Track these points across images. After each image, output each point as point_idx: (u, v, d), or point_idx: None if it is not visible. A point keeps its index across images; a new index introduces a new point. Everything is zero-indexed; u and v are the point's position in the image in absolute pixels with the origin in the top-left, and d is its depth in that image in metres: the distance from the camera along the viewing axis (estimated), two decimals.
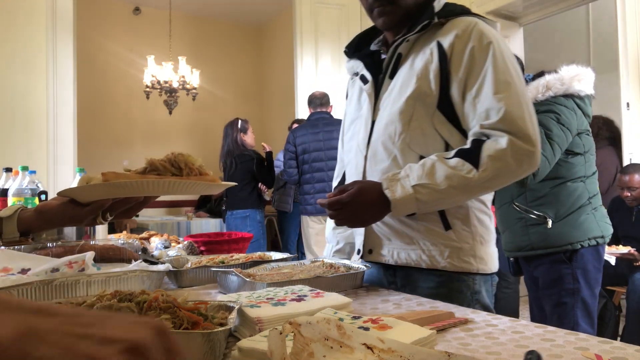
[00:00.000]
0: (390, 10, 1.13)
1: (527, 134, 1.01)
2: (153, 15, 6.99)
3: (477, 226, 1.13)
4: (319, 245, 3.85)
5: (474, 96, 1.05)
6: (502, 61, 1.04)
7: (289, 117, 4.92)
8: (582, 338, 0.72)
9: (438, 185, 1.00)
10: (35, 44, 3.66)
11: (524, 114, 1.02)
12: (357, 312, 0.85)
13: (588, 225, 2.07)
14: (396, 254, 1.15)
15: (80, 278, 1.00)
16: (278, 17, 7.26)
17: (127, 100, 6.84)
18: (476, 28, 1.07)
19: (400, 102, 1.11)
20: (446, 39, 1.08)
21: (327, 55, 4.84)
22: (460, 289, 1.11)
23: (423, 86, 1.09)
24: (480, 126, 1.03)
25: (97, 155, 6.35)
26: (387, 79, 1.18)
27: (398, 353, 0.56)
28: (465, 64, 1.06)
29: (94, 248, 1.25)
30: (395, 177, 1.04)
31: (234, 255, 1.36)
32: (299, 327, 0.56)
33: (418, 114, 1.10)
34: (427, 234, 1.12)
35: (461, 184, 1.00)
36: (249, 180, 4.02)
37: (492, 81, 1.03)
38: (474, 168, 1.00)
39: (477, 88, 1.04)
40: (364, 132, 1.20)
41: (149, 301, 0.66)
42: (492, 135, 1.01)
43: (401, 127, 1.11)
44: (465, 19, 1.10)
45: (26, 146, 3.63)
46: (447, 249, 1.11)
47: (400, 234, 1.14)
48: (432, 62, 1.09)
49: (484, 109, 1.03)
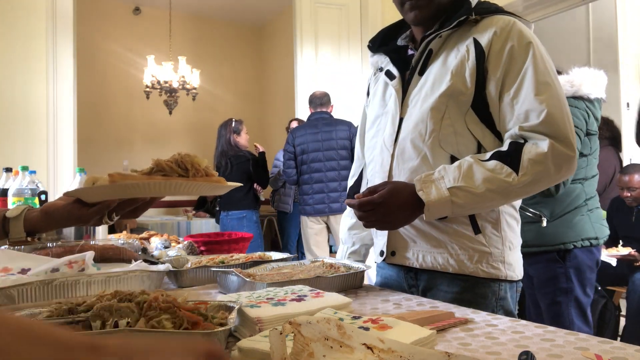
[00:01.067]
0: (424, 4, 1.10)
1: (568, 137, 0.98)
2: (153, 15, 6.99)
3: (506, 231, 1.10)
4: (319, 246, 3.85)
5: (512, 97, 1.02)
6: (542, 62, 1.01)
7: (289, 117, 4.92)
8: (582, 338, 0.72)
9: (476, 188, 0.96)
10: (35, 44, 3.66)
11: (564, 117, 0.99)
12: (357, 312, 0.85)
13: (582, 226, 2.08)
14: (421, 257, 1.12)
15: (80, 278, 1.00)
16: (278, 17, 7.26)
17: (127, 100, 6.84)
18: (515, 27, 1.04)
19: (432, 99, 1.07)
20: (484, 36, 1.05)
21: (327, 55, 4.84)
22: (486, 295, 1.08)
23: (458, 83, 1.05)
24: (520, 128, 0.99)
25: (97, 155, 6.35)
26: (417, 76, 1.13)
27: (398, 353, 0.56)
28: (504, 63, 1.03)
29: (94, 248, 1.25)
30: (429, 178, 1.00)
31: (234, 255, 1.36)
32: (299, 327, 0.56)
33: (450, 112, 1.06)
34: (455, 237, 1.08)
35: (500, 187, 0.96)
36: (245, 181, 4.01)
37: (533, 82, 0.99)
38: (513, 171, 0.96)
39: (516, 88, 1.01)
40: (390, 129, 1.15)
41: (149, 301, 0.66)
42: (532, 138, 0.98)
43: (433, 124, 1.07)
44: (503, 17, 1.07)
45: (26, 146, 3.62)
46: (476, 254, 1.07)
47: (427, 236, 1.11)
48: (469, 59, 1.05)
49: (523, 110, 0.99)
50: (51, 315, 0.67)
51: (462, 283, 1.09)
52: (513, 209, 1.13)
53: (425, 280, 1.14)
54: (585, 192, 2.12)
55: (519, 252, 1.15)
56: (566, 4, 3.96)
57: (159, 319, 0.63)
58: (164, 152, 7.54)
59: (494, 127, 1.06)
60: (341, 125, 3.76)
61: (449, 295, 1.08)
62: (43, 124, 3.67)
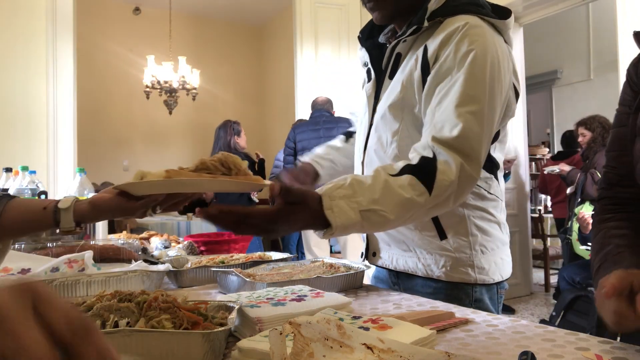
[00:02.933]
0: (381, 5, 1.05)
1: (479, 159, 0.90)
2: (153, 15, 6.99)
3: (477, 235, 1.07)
4: (319, 246, 3.85)
5: (436, 103, 0.93)
6: (480, 72, 0.91)
7: (289, 117, 4.93)
8: (582, 338, 0.72)
9: (389, 213, 0.83)
10: (35, 44, 3.66)
11: (482, 135, 0.90)
12: (357, 312, 0.85)
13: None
14: (395, 259, 1.15)
15: (80, 278, 1.00)
16: (278, 17, 7.26)
17: (127, 100, 6.84)
18: (464, 32, 0.93)
19: (387, 111, 1.05)
20: (432, 43, 0.97)
21: (327, 55, 4.84)
22: (459, 297, 1.06)
23: (407, 95, 1.01)
24: (432, 138, 0.89)
25: (97, 155, 6.35)
26: (387, 80, 1.09)
27: (398, 353, 0.56)
28: (438, 70, 0.95)
29: (94, 248, 1.25)
30: (339, 192, 0.81)
31: (234, 255, 1.36)
32: (299, 327, 0.56)
33: (406, 124, 1.02)
34: (422, 243, 1.08)
35: (411, 209, 0.85)
36: None
37: (459, 92, 0.90)
38: (427, 191, 0.85)
39: (442, 96, 0.92)
40: (362, 136, 1.15)
41: (149, 301, 0.66)
42: (442, 153, 0.87)
43: (390, 136, 1.04)
44: (455, 20, 0.96)
45: (26, 146, 3.62)
46: (443, 259, 1.06)
47: (398, 240, 1.12)
48: (416, 69, 0.99)
49: (440, 120, 0.90)
50: None
51: (434, 284, 1.09)
52: (485, 212, 1.08)
53: (403, 279, 1.16)
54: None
55: (500, 253, 1.10)
56: (566, 4, 3.96)
57: (159, 319, 0.63)
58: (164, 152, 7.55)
59: None
60: (342, 122, 3.76)
61: (424, 296, 1.07)
62: (43, 124, 3.67)
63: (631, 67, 0.87)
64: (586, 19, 6.40)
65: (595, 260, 0.79)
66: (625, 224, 0.82)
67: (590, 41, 6.42)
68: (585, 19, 6.41)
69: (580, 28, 6.48)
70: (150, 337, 0.59)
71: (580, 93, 6.48)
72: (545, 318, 3.53)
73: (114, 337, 0.58)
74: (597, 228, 0.86)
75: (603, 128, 3.82)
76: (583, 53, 6.51)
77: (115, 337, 0.58)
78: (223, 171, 0.82)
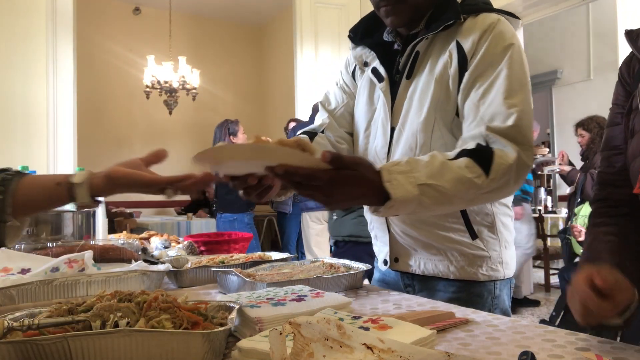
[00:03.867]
0: (400, 9, 1.03)
1: (532, 147, 0.93)
2: (153, 15, 6.99)
3: (502, 232, 1.09)
4: (319, 246, 3.85)
5: (479, 97, 0.95)
6: (519, 66, 0.96)
7: (289, 117, 4.92)
8: (582, 338, 0.72)
9: (446, 188, 0.83)
10: (35, 44, 3.66)
11: (530, 125, 0.93)
12: (357, 312, 0.85)
13: (351, 226, 2.52)
14: (423, 264, 1.11)
15: (80, 278, 1.00)
16: (278, 17, 7.26)
17: (127, 100, 6.84)
18: (497, 27, 0.97)
19: (423, 112, 1.02)
20: (467, 39, 0.99)
21: (327, 55, 4.84)
22: (482, 294, 1.08)
23: (441, 92, 1.00)
24: (487, 128, 0.90)
25: (97, 155, 6.33)
26: (405, 80, 1.07)
27: (398, 353, 0.56)
28: (478, 64, 0.97)
29: (94, 248, 1.25)
30: (397, 168, 0.83)
31: (234, 255, 1.36)
32: (299, 327, 0.56)
33: (439, 124, 1.01)
34: (454, 245, 1.07)
35: (468, 189, 0.86)
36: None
37: (505, 85, 0.93)
38: (483, 173, 0.86)
39: (485, 89, 0.95)
40: (382, 139, 1.10)
41: (149, 301, 0.66)
42: (498, 142, 0.89)
43: (424, 138, 1.02)
44: (488, 16, 1.00)
45: (26, 146, 3.62)
46: (476, 259, 1.07)
47: (427, 245, 1.09)
48: (451, 65, 1.00)
49: (489, 113, 0.92)
50: (51, 315, 0.67)
51: (458, 283, 1.09)
52: (506, 207, 1.11)
53: (420, 280, 1.14)
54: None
55: (513, 247, 1.14)
56: (566, 4, 3.96)
57: (159, 319, 0.63)
58: None
59: None
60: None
61: (446, 295, 1.08)
62: (43, 123, 3.67)
63: (623, 66, 0.88)
64: (586, 19, 6.40)
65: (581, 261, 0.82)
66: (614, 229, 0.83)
67: (590, 41, 6.41)
68: (585, 19, 6.41)
69: (580, 28, 6.48)
70: (150, 337, 0.59)
71: (580, 93, 6.48)
72: (545, 318, 3.53)
73: (114, 337, 0.58)
74: (588, 233, 0.87)
75: (601, 128, 3.83)
76: (583, 53, 6.51)
77: (115, 337, 0.58)
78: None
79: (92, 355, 0.57)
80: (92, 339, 0.57)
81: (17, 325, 0.62)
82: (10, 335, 0.61)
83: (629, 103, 0.84)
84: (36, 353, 0.57)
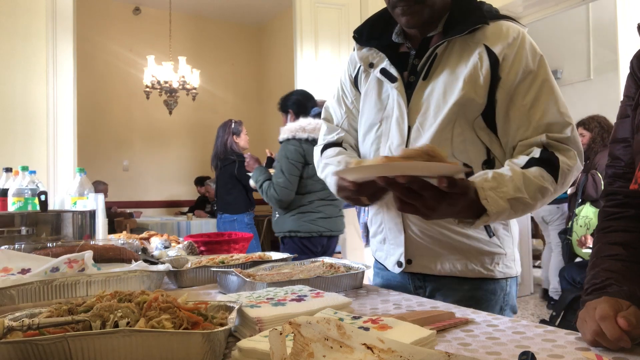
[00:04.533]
0: (417, 10, 1.04)
1: (582, 152, 1.03)
2: (153, 15, 6.99)
3: (513, 230, 1.14)
4: None
5: (529, 106, 1.02)
6: (553, 77, 1.04)
7: None
8: (582, 338, 0.72)
9: (530, 198, 0.94)
10: (35, 44, 3.66)
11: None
12: (357, 312, 0.85)
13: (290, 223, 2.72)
14: (439, 265, 1.11)
15: (80, 278, 1.00)
16: (278, 17, 7.26)
17: (127, 100, 6.84)
18: (526, 38, 1.05)
19: (444, 110, 1.04)
20: (496, 44, 1.03)
21: (327, 55, 4.84)
22: (495, 291, 1.11)
23: (470, 92, 1.03)
24: (548, 137, 0.99)
25: (97, 155, 6.35)
26: (421, 81, 1.08)
27: (398, 353, 0.56)
28: (519, 73, 1.02)
29: (94, 248, 1.25)
30: (487, 184, 0.92)
31: (234, 255, 1.36)
32: (299, 327, 0.56)
33: (460, 121, 1.04)
34: (472, 243, 1.09)
35: (546, 196, 0.96)
36: (234, 184, 3.98)
37: (554, 96, 1.02)
38: (554, 180, 0.96)
39: (534, 98, 1.02)
40: (398, 138, 1.09)
41: (149, 301, 0.66)
42: (559, 149, 0.99)
43: (445, 135, 1.05)
44: (510, 25, 1.06)
45: (26, 146, 3.63)
46: (495, 256, 1.10)
47: (445, 244, 1.10)
48: (482, 67, 1.03)
49: (545, 122, 1.01)
50: (51, 315, 0.67)
51: (472, 281, 1.10)
52: None
53: (434, 281, 1.13)
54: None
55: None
56: (566, 4, 3.96)
57: (159, 319, 0.63)
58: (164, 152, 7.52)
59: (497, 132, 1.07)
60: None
61: (459, 293, 1.10)
62: (43, 124, 3.67)
63: (634, 60, 0.87)
64: (586, 19, 6.40)
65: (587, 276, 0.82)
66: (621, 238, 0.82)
67: (590, 41, 6.41)
68: (585, 19, 6.41)
69: (580, 28, 6.48)
70: (150, 337, 0.59)
71: (580, 93, 6.48)
72: (545, 318, 3.53)
73: (113, 337, 0.58)
74: (597, 237, 0.87)
75: (602, 128, 3.82)
76: (583, 53, 6.51)
77: (115, 337, 0.58)
78: (427, 159, 0.81)
79: (92, 355, 0.57)
80: (92, 339, 0.57)
81: (17, 325, 0.62)
82: (10, 335, 0.61)
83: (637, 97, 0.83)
84: (36, 353, 0.57)
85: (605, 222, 0.87)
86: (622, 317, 0.65)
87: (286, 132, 2.73)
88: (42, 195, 1.48)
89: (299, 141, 2.70)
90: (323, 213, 2.77)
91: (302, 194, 2.74)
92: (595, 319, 0.67)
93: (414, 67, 1.10)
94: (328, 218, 2.79)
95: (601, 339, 0.66)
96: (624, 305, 0.68)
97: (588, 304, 0.72)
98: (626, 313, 0.65)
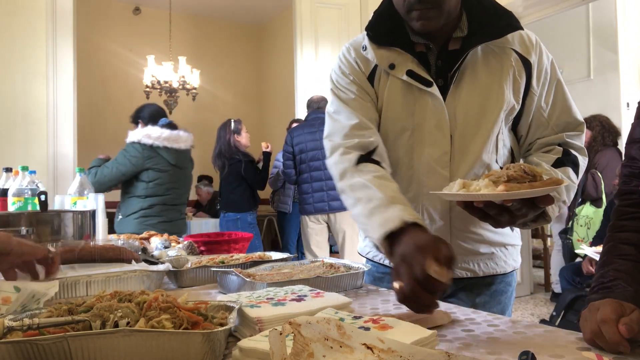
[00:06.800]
0: (434, 15, 0.99)
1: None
2: (153, 15, 6.99)
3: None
4: (319, 246, 3.84)
5: (549, 107, 1.09)
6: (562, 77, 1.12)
7: (289, 117, 4.92)
8: (582, 338, 0.72)
9: (568, 200, 1.03)
10: (35, 44, 3.66)
11: None
12: (357, 312, 0.85)
13: (132, 225, 2.76)
14: (478, 265, 1.13)
15: (80, 278, 1.00)
16: (278, 17, 7.26)
17: (127, 100, 6.83)
18: (541, 43, 1.11)
19: (490, 117, 1.04)
20: (527, 51, 1.07)
21: (327, 55, 4.84)
22: (510, 282, 1.19)
23: (512, 97, 1.06)
24: (566, 136, 1.08)
25: (97, 155, 6.32)
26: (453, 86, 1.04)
27: (398, 353, 0.55)
28: (544, 77, 1.09)
29: (94, 248, 1.25)
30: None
31: (234, 255, 1.36)
32: (299, 327, 0.56)
33: (503, 128, 1.09)
34: (503, 238, 1.15)
35: (573, 191, 1.04)
36: (239, 183, 3.99)
37: (566, 95, 1.10)
38: (576, 177, 1.05)
39: (553, 100, 1.09)
40: (442, 147, 1.04)
41: (149, 301, 0.66)
42: (573, 147, 1.07)
43: (491, 140, 1.06)
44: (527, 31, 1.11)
45: (26, 146, 3.63)
46: (515, 249, 1.19)
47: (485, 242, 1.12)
48: (519, 73, 1.06)
49: (563, 121, 1.09)
50: (51, 315, 0.67)
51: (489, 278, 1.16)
52: None
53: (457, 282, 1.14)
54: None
55: None
56: (566, 4, 3.96)
57: (159, 319, 0.63)
58: None
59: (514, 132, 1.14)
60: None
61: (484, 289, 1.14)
62: (43, 124, 3.67)
63: None
64: (586, 19, 6.40)
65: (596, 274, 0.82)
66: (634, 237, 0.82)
67: (590, 41, 6.41)
68: (585, 19, 6.41)
69: (580, 28, 6.48)
70: (150, 337, 0.59)
71: (580, 93, 6.47)
72: (545, 318, 3.53)
73: (113, 337, 0.58)
74: (609, 236, 0.86)
75: (603, 127, 3.82)
76: (583, 53, 6.51)
77: (115, 337, 0.58)
78: (529, 179, 0.81)
79: (92, 355, 0.57)
80: (92, 339, 0.57)
81: (17, 325, 0.62)
82: (10, 335, 0.61)
83: None
84: (36, 353, 0.57)
85: (619, 221, 0.87)
86: (624, 324, 0.64)
87: (133, 136, 2.96)
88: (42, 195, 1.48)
89: (142, 146, 2.89)
90: (164, 217, 2.91)
91: (143, 197, 2.86)
92: (596, 320, 0.67)
93: (439, 70, 1.06)
94: (169, 222, 2.92)
95: (600, 341, 0.66)
96: (628, 309, 0.67)
97: (592, 305, 0.71)
98: (628, 319, 0.65)
